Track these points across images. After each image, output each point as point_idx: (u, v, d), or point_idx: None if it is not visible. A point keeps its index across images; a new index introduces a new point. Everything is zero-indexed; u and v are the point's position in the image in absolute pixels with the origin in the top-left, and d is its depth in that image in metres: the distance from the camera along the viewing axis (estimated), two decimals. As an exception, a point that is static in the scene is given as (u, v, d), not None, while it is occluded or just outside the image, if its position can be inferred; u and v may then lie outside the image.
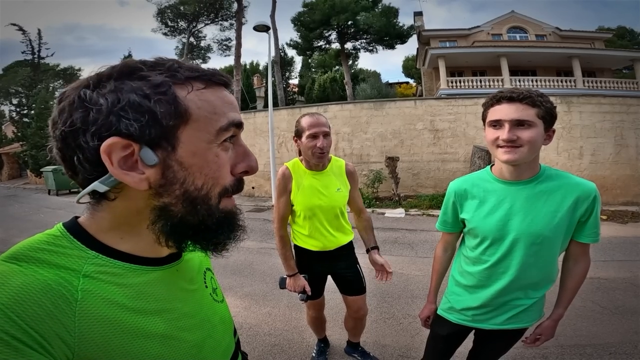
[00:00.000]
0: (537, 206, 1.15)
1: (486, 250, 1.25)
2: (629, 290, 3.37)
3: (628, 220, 6.53)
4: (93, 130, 0.42)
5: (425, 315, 1.56)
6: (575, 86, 16.13)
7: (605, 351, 2.36)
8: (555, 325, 1.31)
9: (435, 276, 1.52)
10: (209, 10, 20.60)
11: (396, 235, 5.77)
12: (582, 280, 1.27)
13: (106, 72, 0.45)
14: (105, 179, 0.44)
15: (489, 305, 1.29)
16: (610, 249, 4.75)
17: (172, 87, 0.45)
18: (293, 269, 1.88)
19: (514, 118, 1.07)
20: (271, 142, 8.64)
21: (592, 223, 1.16)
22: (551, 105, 1.09)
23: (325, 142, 1.69)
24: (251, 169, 0.53)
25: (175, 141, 0.45)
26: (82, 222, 0.50)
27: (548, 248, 1.18)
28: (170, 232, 0.49)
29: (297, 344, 2.61)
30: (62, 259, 0.43)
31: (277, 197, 1.85)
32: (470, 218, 1.27)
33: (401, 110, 9.80)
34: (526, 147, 1.07)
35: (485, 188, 1.25)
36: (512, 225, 1.18)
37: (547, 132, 1.11)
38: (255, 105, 20.05)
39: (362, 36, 21.15)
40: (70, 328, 0.40)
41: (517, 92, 1.08)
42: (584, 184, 1.15)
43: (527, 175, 1.17)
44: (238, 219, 0.55)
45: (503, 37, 20.27)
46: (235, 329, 0.74)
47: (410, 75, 32.15)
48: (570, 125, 8.84)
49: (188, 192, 0.47)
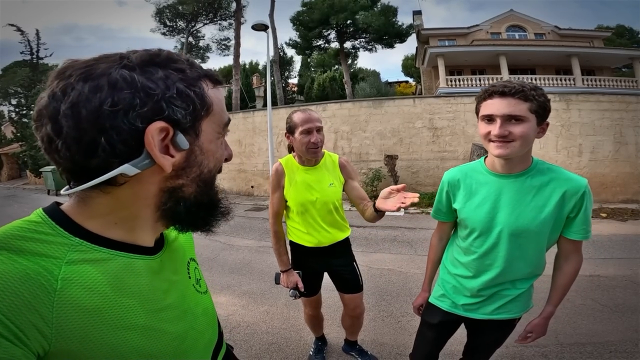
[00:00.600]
0: (526, 200, 1.15)
1: (475, 241, 1.26)
2: (629, 288, 3.35)
3: (628, 217, 6.51)
4: (139, 112, 0.42)
5: (419, 303, 1.57)
6: (574, 84, 16.12)
7: (605, 349, 2.34)
8: (546, 322, 1.31)
9: (431, 265, 1.53)
10: (208, 9, 20.56)
11: (395, 234, 5.75)
12: (573, 279, 1.25)
13: (147, 57, 0.46)
14: (139, 161, 0.44)
15: (479, 295, 1.30)
16: (610, 246, 4.74)
17: (200, 82, 0.49)
18: (286, 265, 1.87)
19: (505, 113, 1.05)
20: (270, 141, 8.62)
21: (581, 219, 1.14)
22: (545, 98, 1.07)
23: (319, 137, 1.69)
24: (231, 156, 0.61)
25: (199, 130, 0.50)
26: (66, 209, 0.48)
27: (534, 242, 1.17)
28: (184, 211, 0.52)
29: (295, 342, 2.59)
30: (44, 247, 0.42)
31: (271, 193, 1.85)
32: (461, 208, 1.27)
33: (400, 108, 9.78)
34: (518, 142, 1.06)
35: (478, 179, 1.25)
36: (500, 218, 1.18)
37: (541, 126, 1.10)
38: (254, 104, 20.03)
39: (361, 35, 21.10)
40: (48, 318, 0.39)
41: (510, 87, 1.06)
42: (574, 179, 1.13)
43: (518, 168, 1.16)
44: (225, 199, 0.61)
45: (502, 35, 20.24)
46: (219, 321, 0.73)
47: (409, 74, 32.14)
48: (569, 123, 8.82)
49: (203, 174, 0.52)
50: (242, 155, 11.47)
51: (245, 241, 5.64)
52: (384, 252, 4.79)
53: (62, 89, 0.42)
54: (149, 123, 0.43)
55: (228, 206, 0.60)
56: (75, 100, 0.41)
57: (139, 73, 0.44)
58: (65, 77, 0.42)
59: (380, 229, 6.03)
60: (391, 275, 3.90)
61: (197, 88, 0.48)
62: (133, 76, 0.43)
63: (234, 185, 11.81)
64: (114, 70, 0.42)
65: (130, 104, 0.42)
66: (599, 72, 18.46)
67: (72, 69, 0.43)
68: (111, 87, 0.42)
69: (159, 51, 0.48)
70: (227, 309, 3.14)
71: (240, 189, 11.68)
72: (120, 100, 0.41)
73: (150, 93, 0.43)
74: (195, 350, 0.59)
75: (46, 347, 0.39)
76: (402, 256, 4.56)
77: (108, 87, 0.41)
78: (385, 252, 4.79)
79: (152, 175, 0.47)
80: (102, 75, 0.42)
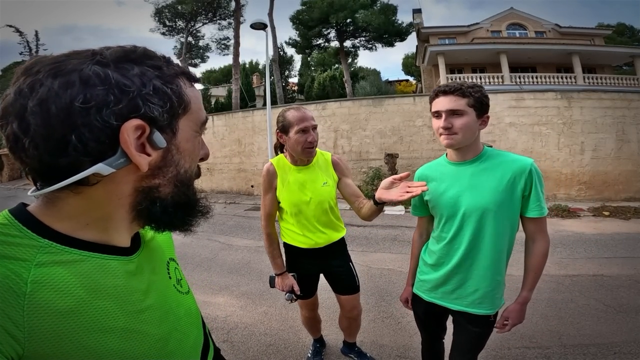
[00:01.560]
0: (481, 182, 1.28)
1: (444, 226, 1.38)
2: (633, 287, 3.30)
3: (631, 216, 6.44)
4: (115, 109, 0.41)
5: (404, 297, 1.66)
6: (575, 82, 16.03)
7: (609, 351, 2.29)
8: (522, 308, 1.35)
9: (413, 260, 1.63)
10: (207, 9, 20.53)
11: (396, 233, 5.71)
12: (543, 260, 1.32)
13: (121, 53, 0.45)
14: (113, 160, 0.43)
15: (450, 281, 1.38)
16: (613, 245, 4.70)
17: (177, 80, 0.49)
18: (281, 268, 1.83)
19: (448, 108, 1.23)
20: (270, 140, 8.59)
21: (534, 196, 1.25)
22: (481, 94, 1.23)
23: (315, 136, 1.66)
24: (207, 155, 0.59)
25: (176, 128, 0.49)
26: (33, 210, 0.46)
27: (495, 222, 1.26)
28: (160, 212, 0.50)
29: (293, 344, 2.55)
30: (10, 249, 0.41)
31: (263, 195, 1.81)
32: (430, 198, 1.41)
33: (400, 106, 9.75)
34: (460, 133, 1.23)
35: (441, 171, 1.40)
36: (462, 201, 1.30)
37: (482, 118, 1.26)
38: (254, 104, 20.02)
39: (361, 34, 21.04)
40: (19, 323, 0.38)
41: (450, 86, 1.24)
42: (520, 159, 1.26)
43: (470, 156, 1.31)
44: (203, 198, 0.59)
45: (502, 33, 20.15)
46: (204, 322, 0.72)
47: (410, 72, 32.10)
48: (571, 121, 8.77)
49: (180, 174, 0.51)
50: (242, 155, 11.45)
51: (245, 241, 5.60)
52: (384, 252, 4.74)
53: (30, 85, 0.40)
54: (124, 121, 0.42)
55: (207, 205, 0.58)
56: (44, 97, 0.39)
57: (113, 69, 0.42)
58: (33, 73, 0.41)
59: (380, 228, 5.99)
60: (391, 275, 3.86)
61: (174, 85, 0.48)
62: (107, 72, 0.42)
63: (233, 184, 11.79)
64: (86, 66, 0.41)
65: (104, 100, 0.41)
66: (600, 70, 18.36)
67: (41, 65, 0.41)
68: (83, 83, 0.40)
69: (134, 47, 0.47)
70: (225, 310, 3.10)
71: (240, 188, 11.66)
72: (93, 97, 0.40)
73: (125, 90, 0.42)
74: (182, 352, 0.58)
75: (20, 352, 0.38)
76: (402, 256, 4.51)
77: (80, 83, 0.40)
78: (385, 252, 4.74)
79: (127, 174, 0.46)
80: (73, 71, 0.41)
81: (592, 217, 6.51)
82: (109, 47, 0.46)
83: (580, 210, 7.01)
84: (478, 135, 1.29)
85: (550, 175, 8.68)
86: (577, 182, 8.62)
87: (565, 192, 8.64)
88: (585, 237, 5.20)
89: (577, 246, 4.74)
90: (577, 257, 4.27)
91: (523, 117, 8.99)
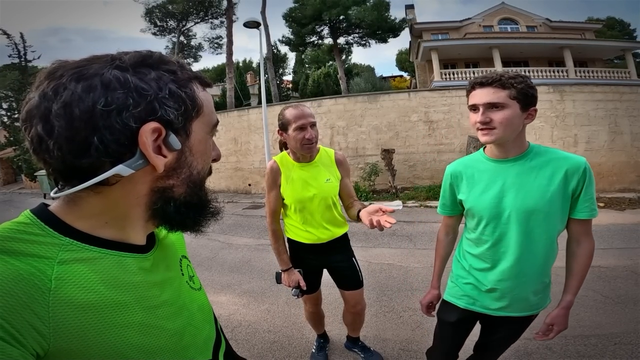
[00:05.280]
0: (529, 181, 1.17)
1: (485, 229, 1.26)
2: (630, 278, 3.34)
3: (625, 207, 6.55)
4: (134, 112, 0.43)
5: (427, 300, 1.52)
6: (567, 76, 16.16)
7: (609, 341, 2.31)
8: (567, 313, 1.27)
9: (439, 261, 1.51)
10: (199, 8, 20.35)
11: (394, 228, 5.74)
12: (588, 263, 1.24)
13: (139, 58, 0.46)
14: (133, 161, 0.44)
15: (496, 289, 1.27)
16: (609, 236, 4.76)
17: (191, 84, 0.50)
18: (287, 264, 1.85)
19: (486, 102, 1.12)
20: (266, 138, 8.57)
21: (585, 196, 1.16)
22: (524, 85, 1.11)
23: (313, 133, 1.66)
24: (219, 157, 0.61)
25: (190, 130, 0.50)
26: (54, 209, 0.48)
27: (545, 223, 1.17)
28: (174, 212, 0.52)
29: (297, 340, 2.56)
30: (34, 247, 0.42)
31: (267, 192, 1.82)
32: (466, 198, 1.30)
33: (395, 102, 9.77)
34: (500, 127, 1.12)
35: (478, 168, 1.28)
36: (507, 202, 1.19)
37: (528, 111, 1.15)
38: (249, 102, 19.93)
39: (355, 31, 20.99)
40: (45, 318, 0.39)
41: (488, 77, 1.14)
42: (572, 157, 1.16)
43: (514, 152, 1.20)
44: (215, 200, 0.60)
45: (494, 28, 20.25)
46: (216, 318, 0.73)
47: (403, 68, 32.13)
48: (564, 114, 8.86)
49: (193, 175, 0.53)
50: (239, 154, 11.41)
51: (244, 239, 5.60)
52: (383, 247, 4.77)
53: (54, 89, 0.42)
54: (142, 123, 0.44)
55: (218, 207, 0.60)
56: (68, 100, 0.41)
57: (132, 74, 0.44)
58: (57, 77, 0.42)
59: (379, 224, 6.01)
60: (391, 270, 3.89)
61: (188, 89, 0.49)
62: (126, 76, 0.43)
63: (231, 183, 11.76)
64: (106, 71, 0.43)
65: (124, 103, 0.42)
66: (591, 63, 18.52)
67: (64, 69, 0.43)
68: (104, 87, 0.42)
69: (150, 53, 0.49)
70: (228, 309, 3.11)
71: (237, 187, 11.63)
72: (114, 100, 0.42)
73: (143, 93, 0.44)
74: (195, 346, 0.59)
75: (45, 347, 0.39)
76: (402, 250, 4.55)
77: (101, 87, 0.42)
78: (384, 247, 4.78)
79: (144, 175, 0.48)
80: (95, 75, 0.42)
81: (587, 208, 6.58)
82: (127, 52, 0.47)
83: (575, 202, 7.09)
84: (523, 130, 1.18)
85: (544, 168, 8.77)
86: (571, 174, 8.72)
87: (559, 185, 8.74)
88: (580, 228, 5.26)
89: (573, 237, 4.79)
90: (573, 248, 4.32)
91: (517, 111, 9.06)
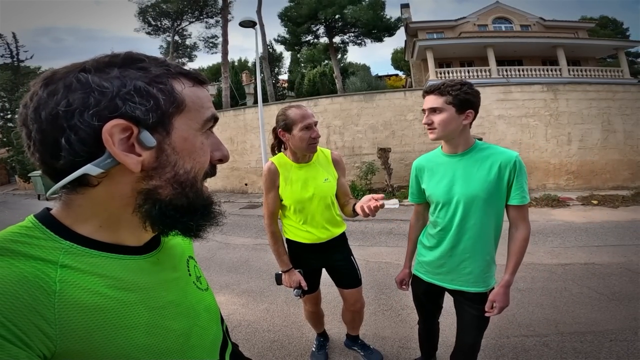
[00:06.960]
0: (472, 172, 1.41)
1: (439, 213, 1.51)
2: (624, 275, 3.38)
3: (619, 204, 6.61)
4: (94, 111, 0.43)
5: (400, 278, 1.81)
6: (560, 75, 16.28)
7: (605, 338, 2.34)
8: (506, 291, 1.43)
9: (411, 244, 1.79)
10: (193, 7, 20.20)
11: (391, 226, 5.78)
12: (524, 245, 1.42)
13: (106, 59, 0.46)
14: (101, 160, 0.44)
15: (447, 263, 1.52)
16: (603, 234, 4.82)
17: (169, 79, 0.49)
18: (287, 265, 1.85)
19: (429, 107, 1.41)
20: (262, 138, 8.56)
21: (516, 185, 1.37)
22: (459, 92, 1.34)
23: (318, 132, 1.70)
24: (225, 157, 0.58)
25: (170, 127, 0.49)
26: (55, 213, 0.49)
27: (485, 208, 1.40)
28: (159, 214, 0.50)
29: (297, 339, 2.58)
30: (37, 251, 0.43)
31: (266, 193, 1.82)
32: (427, 187, 1.56)
33: (391, 101, 9.79)
34: (439, 127, 1.38)
35: (437, 162, 1.54)
36: (455, 189, 1.44)
37: (464, 114, 1.37)
38: (244, 102, 19.85)
39: (350, 30, 20.97)
40: (51, 320, 0.39)
41: (432, 86, 1.40)
42: (506, 152, 1.39)
43: (462, 148, 1.45)
44: (216, 204, 0.58)
45: (489, 27, 20.33)
46: (222, 318, 0.73)
47: (399, 67, 32.18)
48: (557, 113, 8.93)
49: (178, 175, 0.50)
50: (235, 153, 11.38)
51: (242, 239, 5.60)
52: (380, 246, 4.80)
53: (30, 96, 0.45)
54: (105, 121, 0.43)
55: (217, 212, 0.57)
56: (36, 105, 0.43)
57: (94, 74, 0.45)
58: (33, 86, 0.46)
59: (376, 222, 6.05)
60: (389, 268, 3.91)
61: (162, 85, 0.48)
62: (87, 77, 0.44)
63: (227, 183, 11.72)
64: (71, 75, 0.44)
65: (85, 103, 0.43)
66: (585, 62, 18.67)
67: (39, 78, 0.46)
68: (66, 89, 0.43)
69: (119, 53, 0.49)
70: (227, 308, 3.11)
71: (234, 187, 11.60)
72: (75, 101, 0.42)
73: (104, 91, 0.44)
74: (202, 347, 0.59)
75: (52, 348, 0.39)
76: (399, 249, 4.58)
77: (63, 89, 0.43)
78: (382, 245, 4.80)
79: (123, 175, 0.47)
80: (59, 79, 0.44)
81: (581, 206, 6.66)
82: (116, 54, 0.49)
83: (570, 199, 7.17)
84: (466, 129, 1.42)
85: (539, 166, 8.86)
86: (566, 171, 8.81)
87: (554, 182, 8.82)
88: (575, 225, 5.32)
89: (568, 235, 4.85)
90: (568, 246, 4.38)
91: (511, 110, 9.13)
